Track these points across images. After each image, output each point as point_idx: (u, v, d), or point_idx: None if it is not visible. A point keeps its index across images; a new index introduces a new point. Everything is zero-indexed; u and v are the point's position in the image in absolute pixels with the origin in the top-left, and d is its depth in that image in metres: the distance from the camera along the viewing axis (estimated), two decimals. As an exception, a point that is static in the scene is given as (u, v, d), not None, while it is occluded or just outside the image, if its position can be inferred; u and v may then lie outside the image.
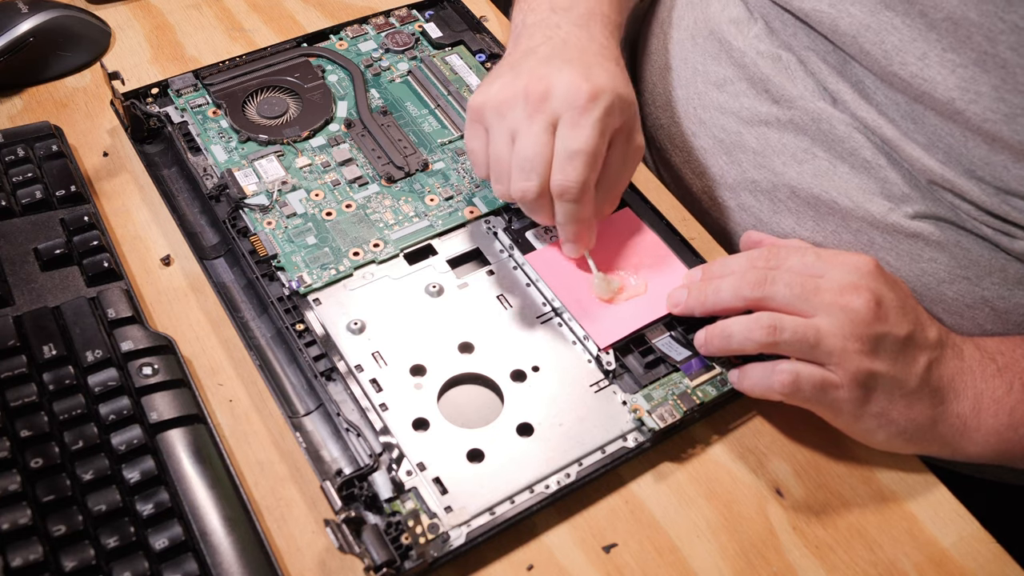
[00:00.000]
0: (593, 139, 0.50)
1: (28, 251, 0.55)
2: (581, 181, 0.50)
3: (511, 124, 0.52)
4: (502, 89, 0.52)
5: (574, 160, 0.50)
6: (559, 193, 0.51)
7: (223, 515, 0.45)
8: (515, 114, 0.52)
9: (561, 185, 0.50)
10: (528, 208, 0.53)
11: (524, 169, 0.51)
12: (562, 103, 0.50)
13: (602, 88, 0.51)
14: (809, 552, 0.47)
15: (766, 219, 0.61)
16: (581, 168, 0.50)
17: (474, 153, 0.55)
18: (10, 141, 0.60)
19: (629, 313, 0.54)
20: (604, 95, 0.50)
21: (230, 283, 0.56)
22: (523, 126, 0.51)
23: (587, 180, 0.50)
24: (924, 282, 0.55)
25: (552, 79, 0.51)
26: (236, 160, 0.60)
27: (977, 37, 0.48)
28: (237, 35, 0.72)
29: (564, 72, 0.51)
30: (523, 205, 0.53)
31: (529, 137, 0.51)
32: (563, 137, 0.50)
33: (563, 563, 0.46)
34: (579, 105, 0.50)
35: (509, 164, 0.52)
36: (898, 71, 0.52)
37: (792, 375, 0.47)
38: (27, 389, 0.47)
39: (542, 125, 0.51)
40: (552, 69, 0.52)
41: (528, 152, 0.51)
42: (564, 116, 0.50)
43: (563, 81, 0.51)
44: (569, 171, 0.50)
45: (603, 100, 0.50)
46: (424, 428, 0.49)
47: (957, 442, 0.49)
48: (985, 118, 0.49)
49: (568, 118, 0.50)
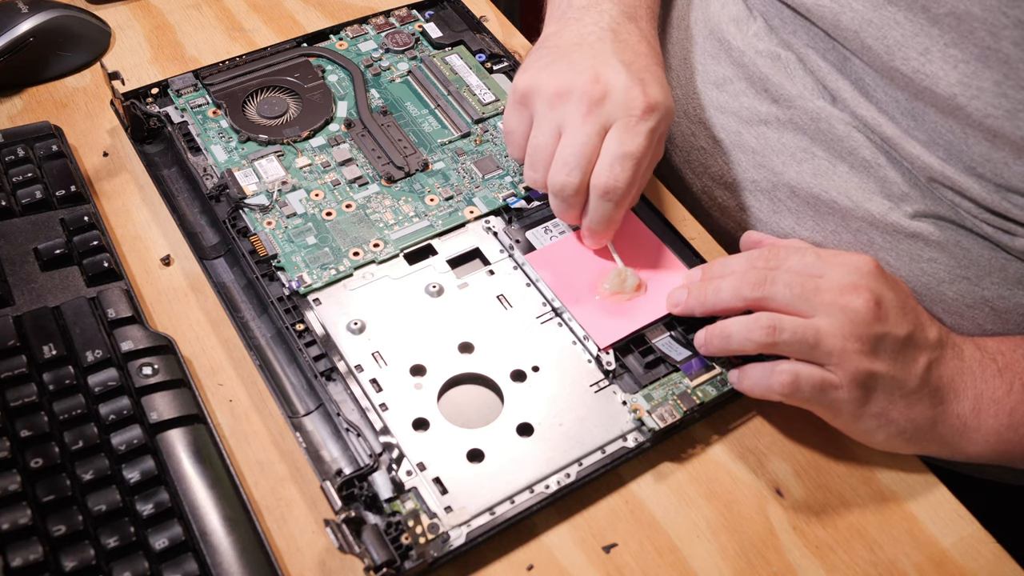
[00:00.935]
0: (645, 146, 0.51)
1: (28, 251, 0.55)
2: (628, 182, 0.51)
3: (561, 117, 0.52)
4: (554, 78, 0.53)
5: (625, 162, 0.51)
6: (604, 192, 0.51)
7: (223, 515, 0.45)
8: (567, 109, 0.52)
9: (607, 184, 0.51)
10: (561, 202, 0.53)
11: (569, 164, 0.51)
12: (619, 109, 0.51)
13: (658, 102, 0.52)
14: (809, 552, 0.47)
15: (766, 219, 0.61)
16: (630, 171, 0.51)
17: (513, 134, 0.56)
18: (10, 141, 0.60)
19: (629, 313, 0.54)
20: (659, 108, 0.52)
21: (230, 283, 0.56)
22: (575, 123, 0.52)
23: (632, 183, 0.51)
24: (924, 282, 0.55)
25: (611, 83, 0.52)
26: (236, 160, 0.60)
27: (980, 32, 0.48)
28: (237, 35, 0.72)
29: (622, 78, 0.52)
30: (555, 198, 0.53)
31: (580, 135, 0.51)
32: (616, 140, 0.51)
33: (563, 563, 0.46)
34: (636, 115, 0.51)
35: (550, 155, 0.53)
36: (900, 67, 0.51)
37: (792, 375, 0.47)
38: (27, 389, 0.47)
39: (595, 127, 0.51)
40: (610, 72, 0.53)
41: (577, 149, 0.51)
42: (619, 121, 0.51)
43: (621, 87, 0.52)
44: (618, 172, 0.51)
45: (658, 113, 0.52)
46: (424, 428, 0.49)
47: (957, 442, 0.49)
48: (987, 114, 0.49)
49: (623, 123, 0.51)
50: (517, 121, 0.55)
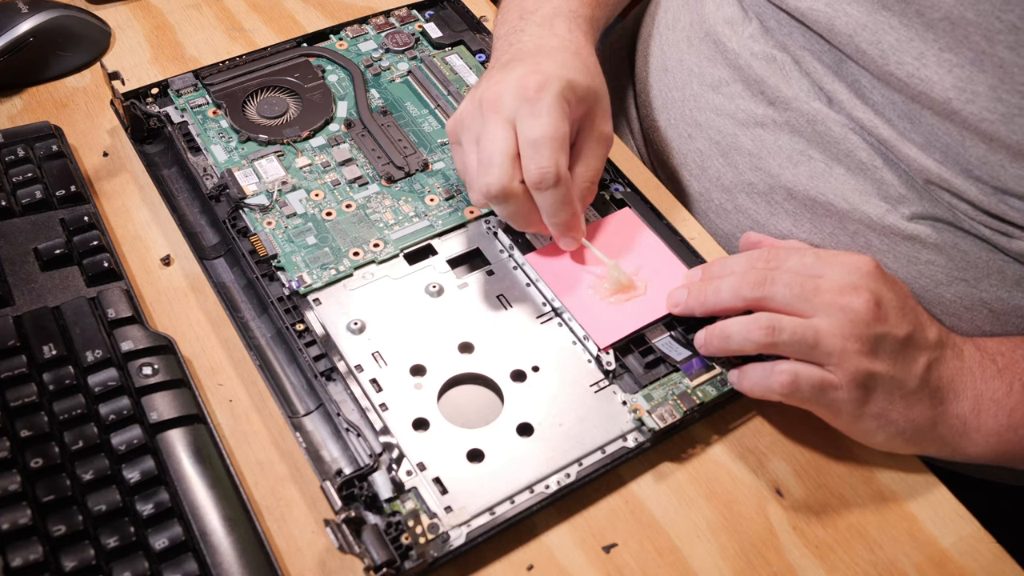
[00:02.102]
0: (552, 123, 0.50)
1: (28, 251, 0.55)
2: (554, 165, 0.50)
3: (474, 133, 0.52)
4: (466, 105, 0.54)
5: (540, 147, 0.50)
6: (537, 182, 0.50)
7: (223, 515, 0.45)
8: (475, 122, 0.52)
9: (535, 174, 0.50)
10: (500, 207, 0.53)
11: (485, 165, 0.51)
12: (514, 99, 0.51)
13: (549, 75, 0.51)
14: (809, 552, 0.47)
15: (763, 221, 0.61)
16: (549, 152, 0.50)
17: (458, 171, 0.56)
18: (10, 141, 0.60)
19: (629, 313, 0.54)
20: (552, 80, 0.51)
21: (230, 283, 0.56)
22: (483, 129, 0.52)
23: (559, 163, 0.50)
24: (922, 284, 0.55)
25: (504, 82, 0.52)
26: (236, 160, 0.60)
27: (975, 36, 0.48)
28: (237, 35, 0.72)
29: (515, 72, 0.52)
30: (494, 205, 0.53)
31: (488, 136, 0.51)
32: (523, 129, 0.51)
33: (563, 563, 0.46)
34: (530, 96, 0.51)
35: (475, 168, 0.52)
36: (895, 71, 0.52)
37: (791, 375, 0.47)
38: (27, 389, 0.47)
39: (499, 124, 0.51)
40: (505, 73, 0.53)
41: (487, 149, 0.51)
42: (519, 111, 0.51)
43: (513, 79, 0.51)
44: (539, 159, 0.50)
45: (552, 86, 0.51)
46: (424, 428, 0.49)
47: (957, 443, 0.49)
48: (982, 118, 0.49)
49: (523, 111, 0.51)
50: (456, 158, 0.55)
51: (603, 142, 0.54)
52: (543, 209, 0.52)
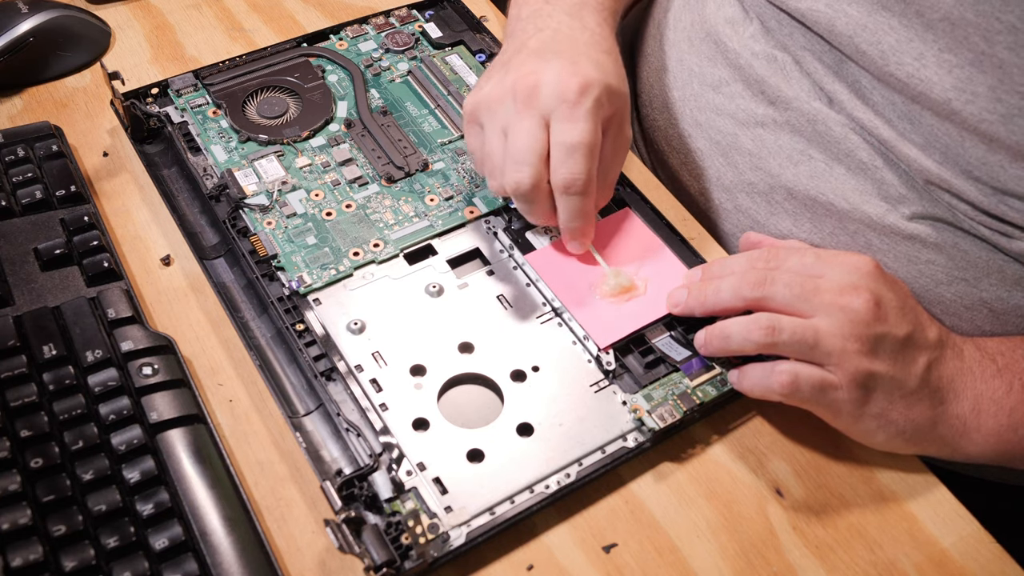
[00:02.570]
0: (589, 131, 0.50)
1: (28, 251, 0.55)
2: (586, 173, 0.50)
3: (503, 120, 0.52)
4: (494, 87, 0.53)
5: (575, 153, 0.50)
6: (565, 187, 0.51)
7: (223, 515, 0.45)
8: (506, 110, 0.52)
9: (566, 179, 0.50)
10: (524, 203, 0.53)
11: (517, 161, 0.51)
12: (552, 97, 0.51)
13: (591, 80, 0.51)
14: (809, 552, 0.47)
15: (763, 221, 0.61)
16: (583, 160, 0.50)
17: (473, 153, 0.55)
18: (10, 141, 0.60)
19: (629, 313, 0.54)
20: (593, 87, 0.51)
21: (230, 283, 0.56)
22: (514, 121, 0.51)
23: (591, 172, 0.51)
24: (922, 284, 0.55)
25: (541, 74, 0.51)
26: (236, 160, 0.60)
27: (974, 37, 0.48)
28: (237, 35, 0.72)
29: (552, 65, 0.52)
30: (518, 200, 0.53)
31: (521, 130, 0.51)
32: (560, 131, 0.50)
33: (563, 563, 0.46)
34: (570, 99, 0.50)
35: (502, 159, 0.52)
36: (895, 71, 0.52)
37: (791, 376, 0.47)
38: (27, 389, 0.47)
39: (534, 119, 0.51)
40: (541, 63, 0.52)
41: (520, 145, 0.51)
42: (556, 111, 0.51)
43: (552, 75, 0.51)
44: (572, 165, 0.50)
45: (593, 92, 0.51)
46: (424, 428, 0.49)
47: (957, 443, 0.49)
48: (982, 119, 0.49)
49: (560, 112, 0.50)
50: (472, 139, 0.55)
51: (624, 145, 0.55)
52: (563, 212, 0.52)
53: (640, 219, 0.59)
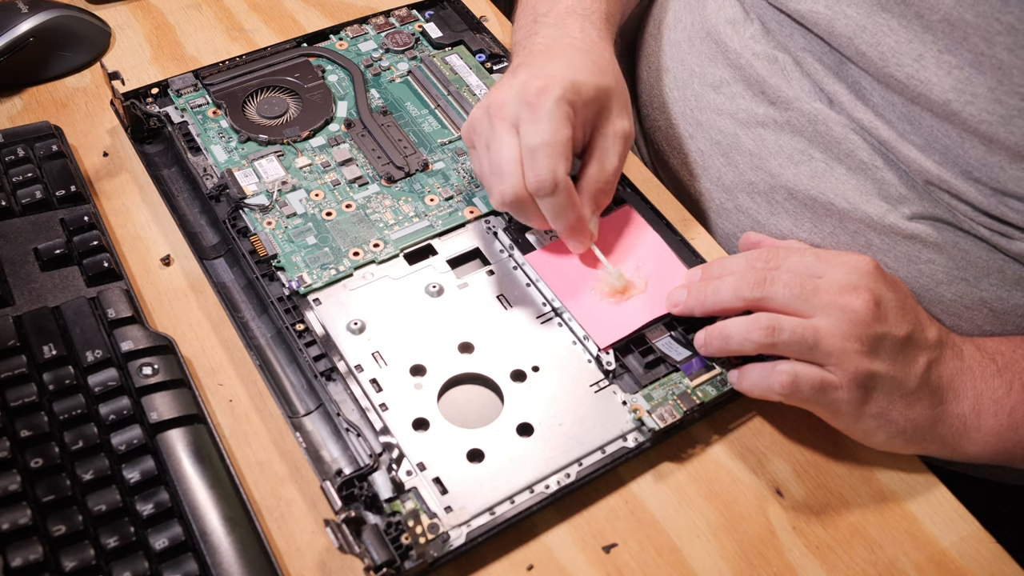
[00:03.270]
0: (549, 129, 0.50)
1: (28, 251, 0.55)
2: (549, 173, 0.50)
3: (484, 139, 0.53)
4: (477, 111, 0.54)
5: (536, 154, 0.50)
6: (535, 190, 0.51)
7: (223, 515, 0.45)
8: (484, 128, 0.53)
9: (532, 182, 0.50)
10: (515, 213, 0.53)
11: (495, 174, 0.52)
12: (515, 105, 0.51)
13: (551, 78, 0.51)
14: (809, 552, 0.47)
15: (763, 221, 0.61)
16: (545, 160, 0.50)
17: (476, 175, 0.56)
18: (10, 141, 0.60)
19: (629, 313, 0.54)
20: (554, 85, 0.51)
21: (230, 283, 0.56)
22: (490, 135, 0.52)
23: (555, 171, 0.50)
24: (922, 284, 0.55)
25: (509, 87, 0.52)
26: (236, 160, 0.60)
27: (974, 38, 0.48)
28: (237, 35, 0.72)
29: (519, 75, 0.52)
30: (510, 211, 0.53)
31: (496, 143, 0.52)
32: (523, 136, 0.51)
33: (563, 563, 0.46)
34: (530, 101, 0.51)
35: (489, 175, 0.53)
36: (894, 73, 0.52)
37: (791, 376, 0.47)
38: (27, 389, 0.47)
39: (504, 130, 0.51)
40: (511, 78, 0.53)
41: (495, 157, 0.52)
42: (520, 116, 0.51)
43: (517, 84, 0.52)
44: (536, 166, 0.50)
45: (554, 90, 0.50)
46: (424, 428, 0.49)
47: (956, 442, 0.49)
48: (981, 120, 0.49)
49: (523, 117, 0.51)
50: (472, 162, 0.56)
51: (619, 139, 0.54)
52: (545, 213, 0.52)
53: (640, 219, 0.59)
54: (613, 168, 0.54)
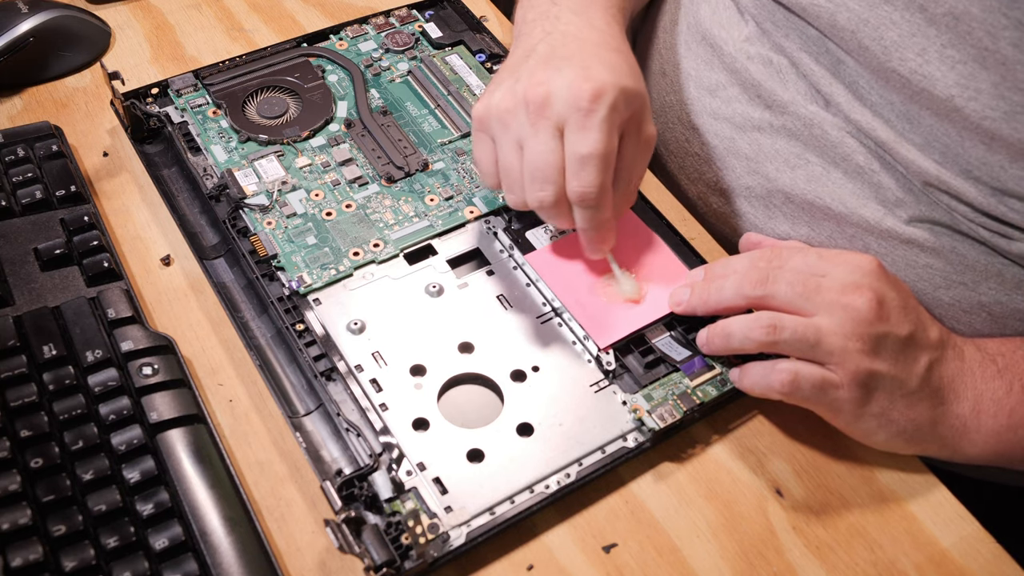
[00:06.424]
0: (602, 140, 0.49)
1: (28, 251, 0.55)
2: (598, 185, 0.49)
3: (516, 133, 0.51)
4: (503, 97, 0.51)
5: (587, 165, 0.49)
6: (578, 200, 0.49)
7: (223, 515, 0.45)
8: (519, 122, 0.50)
9: (578, 192, 0.49)
10: (546, 216, 0.52)
11: (537, 179, 0.50)
12: (564, 107, 0.49)
13: (603, 85, 0.49)
14: (809, 552, 0.47)
15: (761, 225, 0.61)
16: (595, 172, 0.49)
17: (481, 163, 0.54)
18: (10, 141, 0.60)
19: (629, 313, 0.54)
20: (607, 92, 0.49)
21: (230, 283, 0.56)
22: (528, 135, 0.50)
23: (604, 183, 0.49)
24: (921, 288, 0.55)
25: (551, 82, 0.50)
26: (236, 160, 0.60)
27: (978, 33, 0.48)
28: (237, 35, 0.72)
29: (563, 73, 0.50)
30: (541, 214, 0.52)
31: (537, 146, 0.49)
32: (572, 142, 0.49)
33: (563, 563, 0.46)
34: (582, 107, 0.49)
35: (520, 174, 0.51)
36: (897, 67, 0.51)
37: (792, 374, 0.47)
38: (27, 389, 0.47)
39: (548, 132, 0.49)
40: (551, 71, 0.50)
41: (538, 161, 0.49)
42: (569, 120, 0.49)
43: (563, 83, 0.49)
44: (584, 177, 0.49)
45: (607, 98, 0.49)
46: (424, 428, 0.49)
47: (956, 443, 0.49)
48: (984, 116, 0.49)
49: (573, 122, 0.49)
50: (481, 149, 0.53)
51: (647, 145, 0.53)
52: (579, 222, 0.51)
53: (640, 219, 0.59)
54: (639, 175, 0.54)
